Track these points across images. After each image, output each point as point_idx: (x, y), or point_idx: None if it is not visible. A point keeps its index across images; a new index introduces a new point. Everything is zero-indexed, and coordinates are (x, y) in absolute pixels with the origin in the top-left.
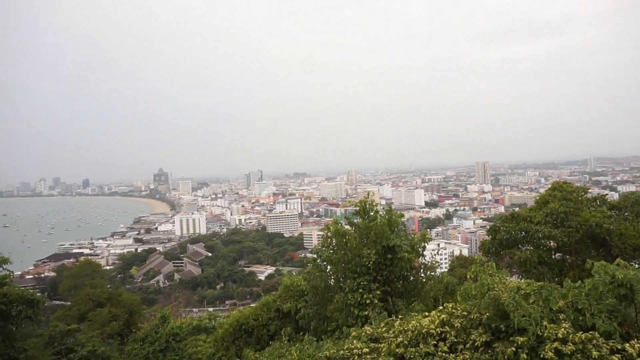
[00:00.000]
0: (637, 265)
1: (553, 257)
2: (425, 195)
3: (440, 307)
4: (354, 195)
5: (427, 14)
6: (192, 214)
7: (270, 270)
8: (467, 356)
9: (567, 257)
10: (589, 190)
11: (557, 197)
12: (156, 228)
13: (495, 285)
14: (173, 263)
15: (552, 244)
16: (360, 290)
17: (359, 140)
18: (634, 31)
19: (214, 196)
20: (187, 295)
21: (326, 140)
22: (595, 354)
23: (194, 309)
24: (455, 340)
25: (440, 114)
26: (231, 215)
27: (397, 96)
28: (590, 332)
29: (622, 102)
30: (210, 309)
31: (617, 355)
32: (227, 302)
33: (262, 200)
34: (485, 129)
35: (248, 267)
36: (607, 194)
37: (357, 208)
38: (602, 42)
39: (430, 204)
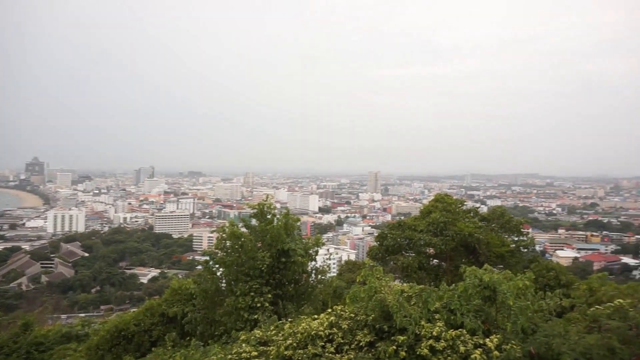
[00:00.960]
0: (498, 270)
1: (431, 262)
2: (319, 201)
3: (329, 310)
4: (250, 198)
5: (342, 28)
6: (70, 209)
7: (154, 272)
8: (352, 356)
9: (443, 263)
10: (465, 203)
11: (438, 207)
12: (23, 224)
13: (382, 288)
14: (41, 264)
15: (431, 250)
16: (252, 293)
17: (259, 142)
18: (522, 63)
19: (97, 191)
20: (56, 300)
21: (225, 140)
22: (462, 349)
23: (63, 315)
24: (342, 341)
25: (340, 123)
26: (115, 212)
27: (299, 103)
28: (460, 330)
29: (500, 126)
30: (82, 315)
31: (479, 349)
32: (102, 307)
33: (152, 199)
34: (380, 140)
35: (130, 269)
36: (479, 207)
37: (255, 210)
38: (493, 71)
39: (323, 210)
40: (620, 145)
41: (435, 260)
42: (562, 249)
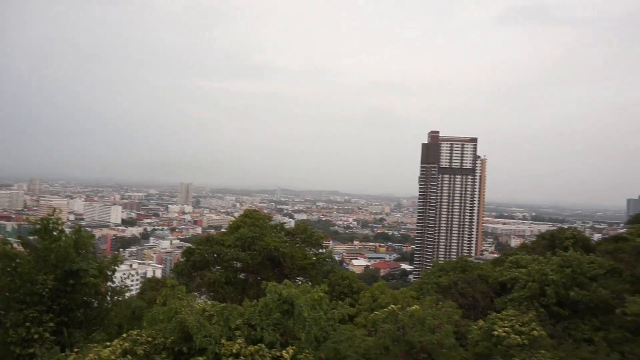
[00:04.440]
0: (301, 282)
1: (238, 277)
2: (123, 212)
3: (124, 335)
4: (35, 208)
5: (156, 31)
6: None
7: None
8: None
9: (250, 276)
10: (273, 218)
11: (247, 223)
12: None
13: (183, 309)
14: None
15: (238, 265)
16: (27, 323)
17: (48, 144)
18: (322, 91)
19: None
20: None
21: (4, 137)
22: None
23: None
24: None
25: (152, 132)
26: None
27: (96, 102)
28: (259, 344)
29: (305, 146)
30: None
31: None
32: None
33: None
34: (196, 151)
35: None
36: (285, 222)
37: (38, 226)
38: (297, 95)
39: (127, 222)
40: (399, 169)
41: (242, 274)
42: (356, 259)
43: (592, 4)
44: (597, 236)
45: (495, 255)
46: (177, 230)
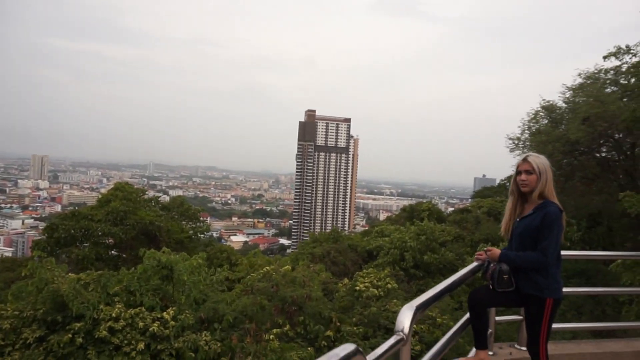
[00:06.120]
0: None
1: (111, 253)
2: None
3: None
4: None
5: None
6: None
7: None
8: (17, 356)
9: (123, 253)
10: (147, 192)
11: (118, 196)
12: None
13: (55, 279)
14: None
15: (110, 240)
16: None
17: None
18: (204, 64)
19: None
20: None
21: None
22: (140, 324)
23: None
24: (2, 343)
25: None
26: None
27: None
28: (139, 308)
29: (183, 119)
30: None
31: (157, 322)
32: None
33: None
34: (52, 121)
35: None
36: (160, 197)
37: None
38: (176, 65)
39: None
40: (276, 146)
41: (114, 251)
42: (235, 235)
43: (456, 4)
44: (450, 209)
45: (366, 228)
46: (30, 208)
